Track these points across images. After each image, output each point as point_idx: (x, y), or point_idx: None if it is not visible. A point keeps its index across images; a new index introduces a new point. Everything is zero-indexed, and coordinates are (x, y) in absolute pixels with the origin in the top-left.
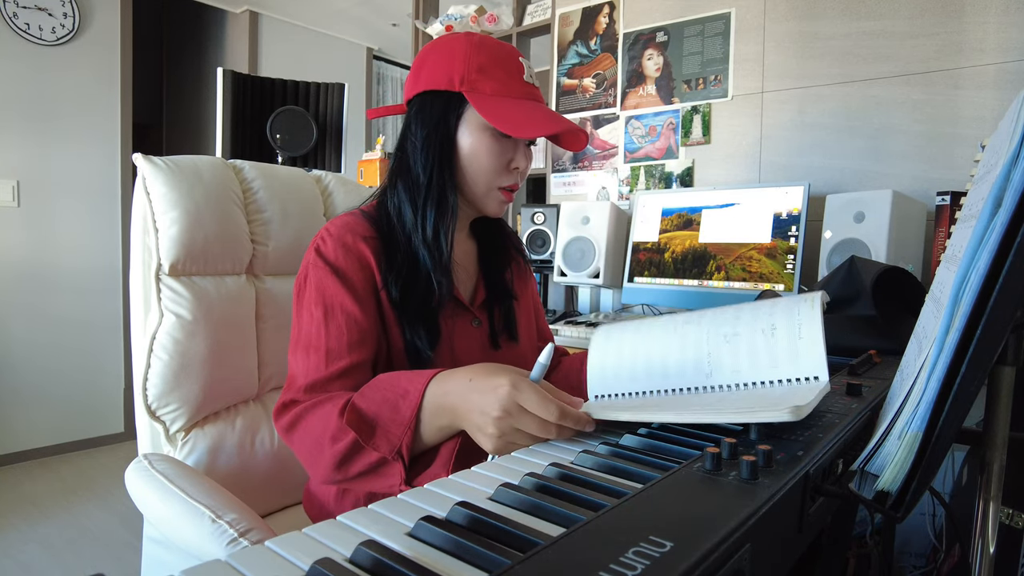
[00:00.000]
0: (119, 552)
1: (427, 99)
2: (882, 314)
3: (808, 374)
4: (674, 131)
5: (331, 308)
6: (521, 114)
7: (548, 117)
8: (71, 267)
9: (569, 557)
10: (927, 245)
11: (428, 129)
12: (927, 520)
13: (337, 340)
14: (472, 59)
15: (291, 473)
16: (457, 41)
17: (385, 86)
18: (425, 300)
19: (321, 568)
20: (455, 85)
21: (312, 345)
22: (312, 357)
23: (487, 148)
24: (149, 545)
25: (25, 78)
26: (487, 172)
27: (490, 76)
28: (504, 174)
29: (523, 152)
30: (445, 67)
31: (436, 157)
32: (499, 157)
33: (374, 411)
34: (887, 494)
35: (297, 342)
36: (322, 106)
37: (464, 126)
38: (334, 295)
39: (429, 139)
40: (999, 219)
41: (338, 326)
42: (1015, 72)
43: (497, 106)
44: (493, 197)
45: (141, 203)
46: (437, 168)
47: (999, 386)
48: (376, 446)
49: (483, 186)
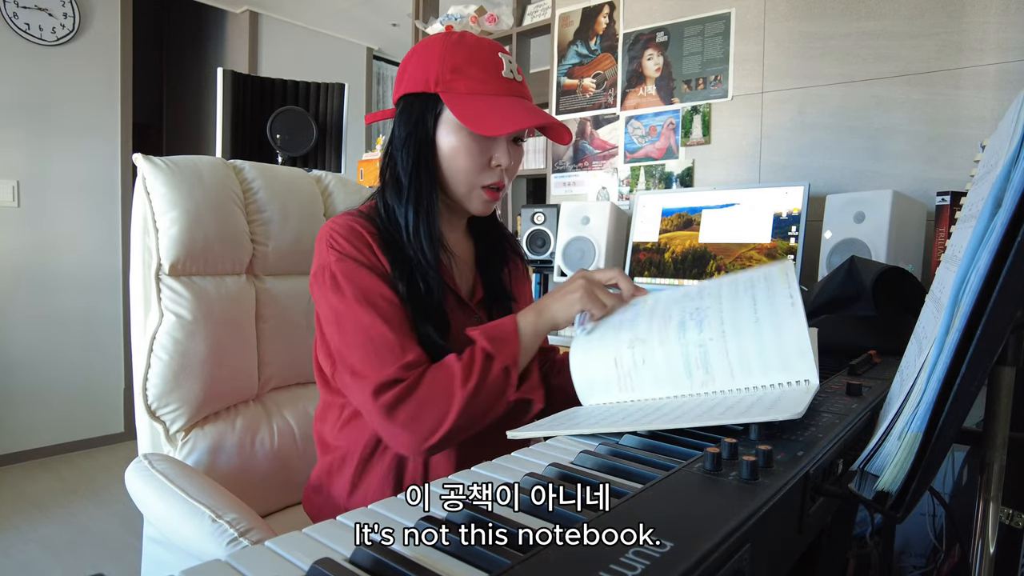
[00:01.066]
0: (119, 552)
1: (408, 101)
2: (882, 314)
3: (799, 377)
4: (674, 131)
5: (377, 297)
6: (494, 111)
7: (520, 113)
8: (71, 267)
9: (569, 557)
10: (927, 245)
11: (408, 131)
12: (927, 520)
13: (404, 323)
14: (447, 59)
15: (291, 473)
16: (435, 42)
17: (385, 86)
18: (424, 294)
19: (321, 568)
20: (431, 86)
21: (379, 333)
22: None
23: (465, 147)
24: (149, 545)
25: (25, 78)
26: (467, 171)
27: (464, 75)
28: (485, 172)
29: (505, 149)
30: (423, 69)
31: (415, 158)
32: (478, 156)
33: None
34: (887, 494)
35: (354, 341)
36: (322, 106)
37: (442, 126)
38: (372, 286)
39: (408, 141)
40: (999, 219)
41: (393, 311)
42: (1015, 72)
43: (470, 104)
44: (476, 196)
45: (141, 203)
46: (415, 169)
47: (999, 386)
48: (502, 356)
49: (464, 185)
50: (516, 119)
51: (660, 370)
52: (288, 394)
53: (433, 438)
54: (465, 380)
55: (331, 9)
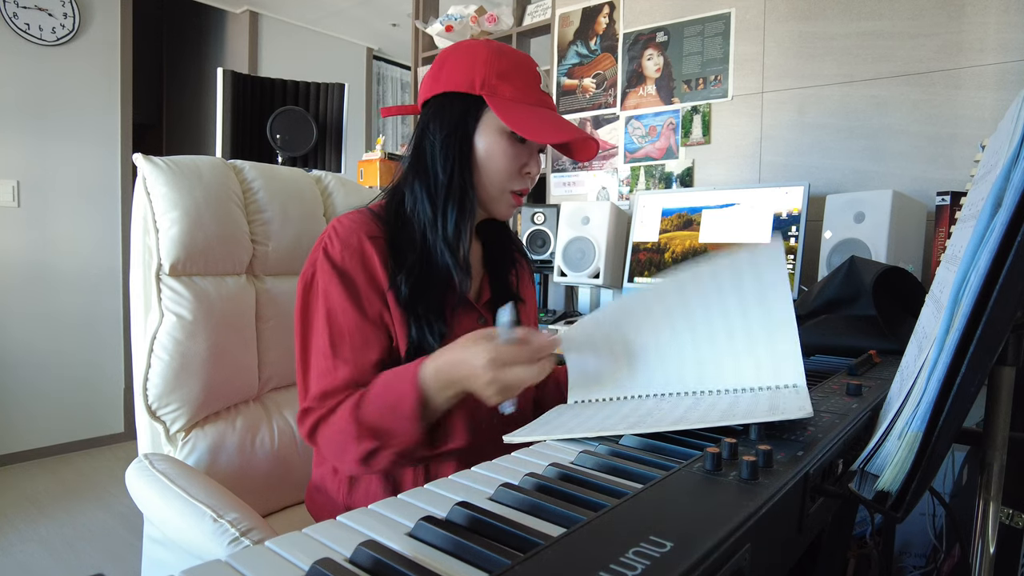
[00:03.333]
0: (119, 552)
1: (446, 100)
2: (882, 314)
3: (788, 382)
4: (674, 131)
5: (337, 313)
6: (537, 120)
7: (562, 125)
8: (71, 267)
9: (569, 557)
10: (927, 245)
11: (448, 130)
12: (927, 520)
13: (343, 347)
14: (493, 64)
15: (291, 473)
16: (479, 46)
17: (385, 86)
18: (439, 297)
19: (321, 568)
20: (475, 88)
21: (321, 351)
22: (322, 363)
23: (503, 151)
24: (149, 545)
25: (25, 78)
26: (501, 174)
27: (509, 82)
28: (517, 178)
29: (535, 157)
30: (466, 70)
31: (456, 157)
32: (514, 160)
33: (378, 420)
34: (887, 494)
35: (307, 346)
36: (322, 106)
37: (481, 129)
38: (340, 301)
39: (448, 139)
40: (999, 219)
41: (342, 334)
42: (1015, 72)
43: (515, 111)
44: (504, 200)
45: (141, 203)
46: (458, 168)
47: (999, 386)
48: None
49: (496, 188)
50: (559, 130)
51: (655, 374)
52: (288, 394)
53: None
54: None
55: (331, 9)
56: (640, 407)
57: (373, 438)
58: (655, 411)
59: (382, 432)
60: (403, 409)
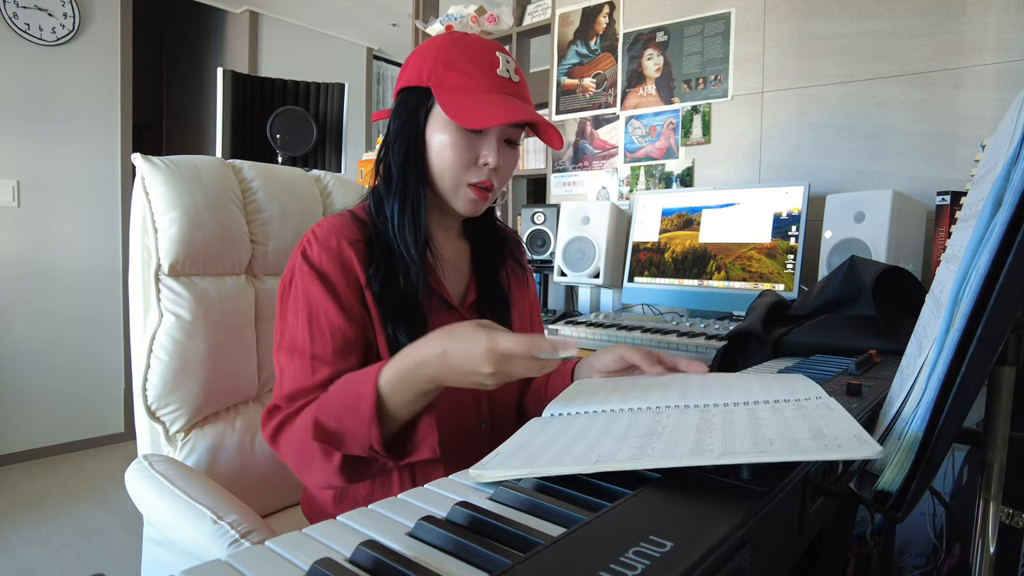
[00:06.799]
0: (119, 552)
1: (402, 96)
2: (882, 314)
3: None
4: (674, 131)
5: (316, 315)
6: (480, 106)
7: (505, 108)
8: (71, 267)
9: (569, 557)
10: (927, 245)
11: (399, 124)
12: (927, 520)
13: (322, 348)
14: (441, 55)
15: (291, 473)
16: (438, 38)
17: (385, 86)
18: (403, 292)
19: (321, 568)
20: (423, 80)
21: (296, 350)
22: (296, 363)
23: (452, 142)
24: (149, 545)
25: (25, 78)
26: (452, 167)
27: (456, 69)
28: (472, 169)
29: (494, 148)
30: (418, 63)
31: (404, 151)
32: (465, 152)
33: (336, 421)
34: (887, 494)
35: (280, 345)
36: (322, 106)
37: (432, 121)
38: (319, 302)
39: (399, 133)
40: (999, 219)
41: (323, 334)
42: (1015, 72)
43: (457, 98)
44: (462, 194)
45: (140, 203)
46: (404, 162)
47: (999, 386)
48: (349, 450)
49: (450, 181)
50: (499, 114)
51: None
52: None
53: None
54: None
55: (331, 9)
56: (636, 425)
57: (329, 441)
58: (657, 430)
59: (338, 434)
60: (362, 409)
